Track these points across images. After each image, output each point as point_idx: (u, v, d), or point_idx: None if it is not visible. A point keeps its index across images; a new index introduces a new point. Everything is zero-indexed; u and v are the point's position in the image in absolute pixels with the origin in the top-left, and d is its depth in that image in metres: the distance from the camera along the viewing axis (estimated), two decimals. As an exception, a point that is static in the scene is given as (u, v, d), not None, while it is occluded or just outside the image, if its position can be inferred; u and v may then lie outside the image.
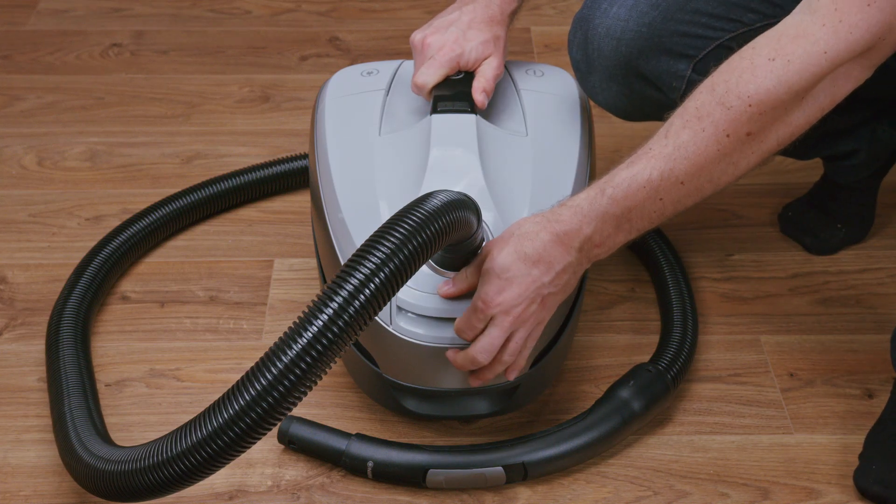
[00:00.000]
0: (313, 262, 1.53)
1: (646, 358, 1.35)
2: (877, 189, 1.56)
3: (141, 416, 1.31)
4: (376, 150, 1.30)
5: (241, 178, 1.63)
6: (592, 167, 1.35)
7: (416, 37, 1.33)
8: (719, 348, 1.42)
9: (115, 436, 1.29)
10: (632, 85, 1.31)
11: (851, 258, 1.56)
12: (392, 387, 1.23)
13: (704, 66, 1.24)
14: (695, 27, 1.26)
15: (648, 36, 1.25)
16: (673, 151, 1.05)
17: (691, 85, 1.23)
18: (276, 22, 2.17)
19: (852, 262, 1.56)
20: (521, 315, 1.10)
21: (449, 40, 1.31)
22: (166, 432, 1.29)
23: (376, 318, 1.18)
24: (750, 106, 1.02)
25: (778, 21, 1.06)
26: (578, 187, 1.30)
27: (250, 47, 2.08)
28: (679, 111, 1.06)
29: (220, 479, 1.24)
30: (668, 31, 1.25)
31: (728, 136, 1.03)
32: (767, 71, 1.01)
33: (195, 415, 0.96)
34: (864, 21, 0.99)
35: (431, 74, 1.30)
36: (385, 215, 1.23)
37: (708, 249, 1.58)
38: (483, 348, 1.11)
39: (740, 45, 1.23)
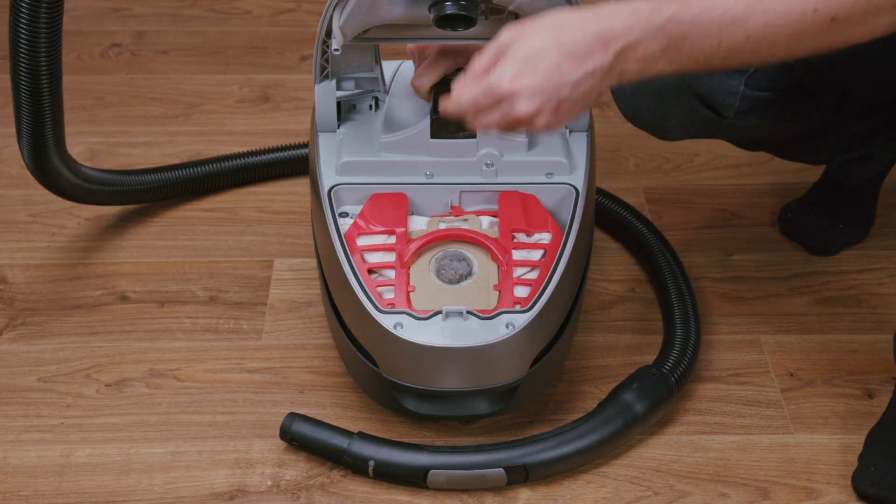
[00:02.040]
0: (313, 262, 1.53)
1: (646, 358, 1.35)
2: (878, 189, 1.56)
3: (141, 416, 1.31)
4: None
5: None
6: (593, 167, 1.35)
7: (410, 44, 1.34)
8: (719, 348, 1.42)
9: (115, 436, 1.29)
10: (683, 106, 1.28)
11: (851, 258, 1.56)
12: (392, 387, 1.23)
13: (755, 81, 1.22)
14: None
15: None
16: (754, 2, 0.99)
17: (744, 100, 1.22)
18: (276, 22, 2.17)
19: (852, 262, 1.56)
20: (531, 112, 1.01)
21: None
22: (167, 433, 1.29)
23: (377, 318, 1.18)
24: None
25: None
26: (578, 187, 1.30)
27: (250, 47, 2.08)
28: None
29: (220, 479, 1.24)
30: None
31: (815, 11, 0.98)
32: None
33: (196, 413, 0.96)
34: None
35: (429, 75, 1.30)
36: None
37: (708, 249, 1.58)
38: (481, 126, 1.06)
39: None
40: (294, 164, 1.70)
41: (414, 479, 1.21)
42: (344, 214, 1.30)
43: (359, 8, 1.19)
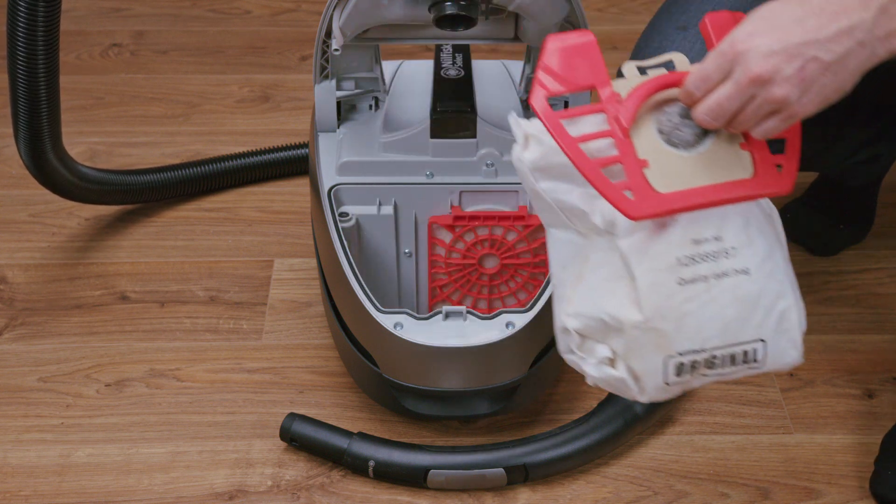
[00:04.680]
0: (313, 262, 1.53)
1: (646, 358, 1.36)
2: (877, 189, 1.56)
3: (141, 416, 1.31)
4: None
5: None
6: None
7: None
8: (719, 348, 1.42)
9: (115, 436, 1.29)
10: None
11: (851, 258, 1.56)
12: (392, 387, 1.23)
13: None
14: None
15: None
16: None
17: None
18: (276, 22, 2.17)
19: (852, 262, 1.56)
20: (769, 73, 0.82)
21: None
22: (167, 433, 1.29)
23: (377, 318, 1.19)
24: None
25: None
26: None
27: (250, 47, 2.08)
28: None
29: (220, 479, 1.24)
30: None
31: None
32: None
33: (196, 413, 0.96)
34: None
35: None
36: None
37: (708, 249, 1.58)
38: (708, 109, 0.86)
39: None
40: (294, 164, 1.70)
41: (414, 479, 1.21)
42: (344, 214, 1.30)
43: (359, 8, 1.19)
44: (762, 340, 0.94)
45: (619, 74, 0.92)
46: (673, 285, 0.91)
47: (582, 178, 0.88)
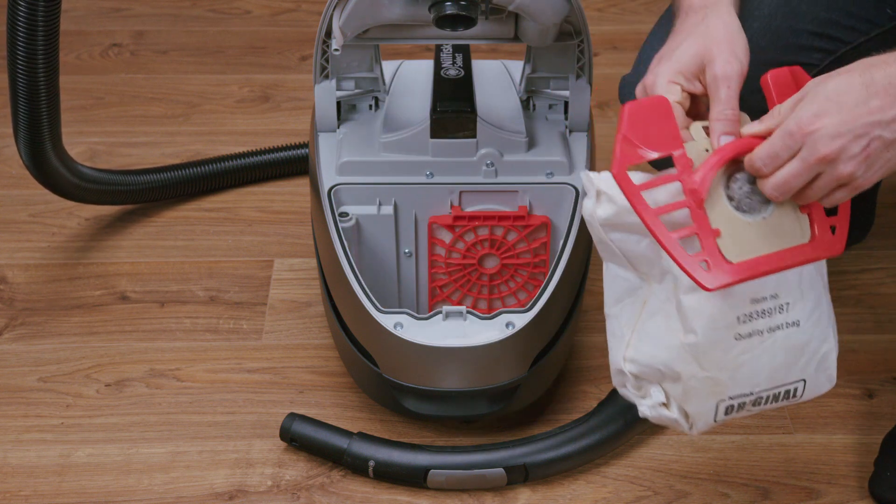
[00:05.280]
0: (313, 262, 1.53)
1: (646, 358, 1.35)
2: (877, 189, 1.56)
3: (141, 416, 1.31)
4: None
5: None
6: (593, 167, 1.35)
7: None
8: (719, 348, 1.42)
9: (115, 436, 1.29)
10: None
11: (851, 258, 1.56)
12: (392, 387, 1.23)
13: None
14: None
15: None
16: None
17: None
18: (276, 22, 2.17)
19: (852, 262, 1.56)
20: (835, 154, 0.89)
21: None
22: (167, 433, 1.29)
23: (377, 318, 1.19)
24: None
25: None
26: (578, 187, 1.30)
27: (250, 47, 2.08)
28: None
29: (220, 479, 1.24)
30: None
31: None
32: None
33: (196, 413, 0.96)
34: None
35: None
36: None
37: (708, 249, 1.58)
38: (775, 185, 0.92)
39: None
40: (294, 164, 1.70)
41: (414, 479, 1.21)
42: (344, 214, 1.30)
43: (359, 8, 1.20)
44: (804, 380, 1.02)
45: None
46: (731, 340, 0.97)
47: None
